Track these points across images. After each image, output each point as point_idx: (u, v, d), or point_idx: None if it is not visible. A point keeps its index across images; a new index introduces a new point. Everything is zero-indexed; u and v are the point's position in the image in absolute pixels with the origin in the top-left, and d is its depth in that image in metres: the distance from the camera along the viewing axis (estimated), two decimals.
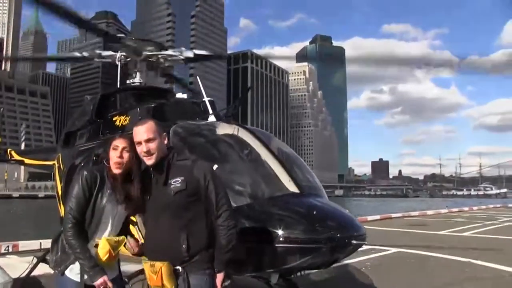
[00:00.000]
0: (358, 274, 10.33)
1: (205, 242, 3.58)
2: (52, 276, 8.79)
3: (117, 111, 8.14)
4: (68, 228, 3.52)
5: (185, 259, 3.51)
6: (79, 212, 3.57)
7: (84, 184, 3.60)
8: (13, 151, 15.23)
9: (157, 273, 3.45)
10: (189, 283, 3.49)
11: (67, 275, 3.65)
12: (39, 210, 59.13)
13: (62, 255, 3.68)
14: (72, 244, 3.50)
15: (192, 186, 3.58)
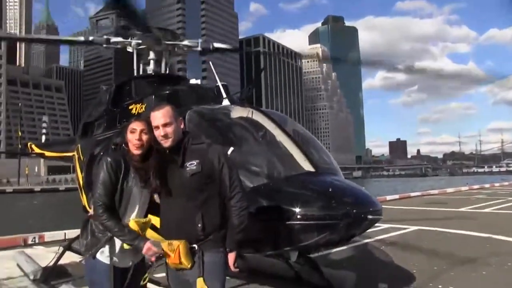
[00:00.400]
0: (378, 252, 10.41)
1: (218, 221, 3.71)
2: (78, 265, 9.11)
3: (132, 100, 8.26)
4: (100, 213, 3.64)
5: (200, 238, 3.65)
6: (108, 197, 3.69)
7: (110, 169, 3.72)
8: (33, 144, 15.50)
9: (175, 251, 3.57)
10: (204, 260, 3.63)
11: (98, 258, 3.79)
12: (61, 202, 60.11)
13: (92, 239, 3.82)
14: (108, 226, 3.62)
15: (207, 169, 3.70)
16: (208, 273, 3.62)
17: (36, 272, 8.25)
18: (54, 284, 7.62)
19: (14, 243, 12.06)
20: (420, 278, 7.78)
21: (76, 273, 8.80)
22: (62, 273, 8.59)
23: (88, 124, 9.75)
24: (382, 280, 7.04)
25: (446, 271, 8.27)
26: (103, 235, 3.76)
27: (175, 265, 3.65)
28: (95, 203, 3.70)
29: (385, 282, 6.92)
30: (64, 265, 8.94)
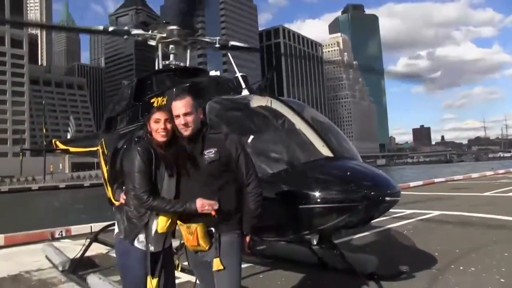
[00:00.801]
0: (400, 237, 10.46)
1: (234, 206, 3.88)
2: (105, 256, 9.35)
3: (154, 93, 8.41)
4: (146, 199, 3.81)
5: (217, 221, 3.80)
6: (147, 182, 3.86)
7: (143, 157, 3.90)
8: (57, 141, 15.80)
9: (193, 234, 3.78)
10: (220, 242, 3.81)
11: (134, 244, 3.97)
12: (86, 198, 61.16)
13: (129, 225, 4.00)
14: (157, 205, 3.81)
15: (224, 157, 3.87)
16: (225, 254, 3.78)
17: (65, 263, 8.52)
18: (82, 274, 7.84)
19: (42, 237, 12.41)
20: (441, 261, 7.82)
21: (103, 263, 9.10)
22: (90, 264, 8.88)
23: (111, 119, 9.95)
24: (403, 263, 7.11)
25: (468, 254, 8.29)
26: (139, 221, 3.94)
27: (193, 247, 3.86)
28: (135, 192, 3.87)
29: (406, 264, 7.00)
30: (91, 256, 9.23)
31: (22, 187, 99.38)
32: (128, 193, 4.03)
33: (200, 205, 3.72)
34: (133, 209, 3.96)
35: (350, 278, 6.83)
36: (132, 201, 3.98)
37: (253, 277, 7.53)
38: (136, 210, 3.95)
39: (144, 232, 3.95)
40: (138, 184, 3.85)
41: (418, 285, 6.52)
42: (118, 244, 4.10)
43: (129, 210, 4.00)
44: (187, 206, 3.75)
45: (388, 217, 12.78)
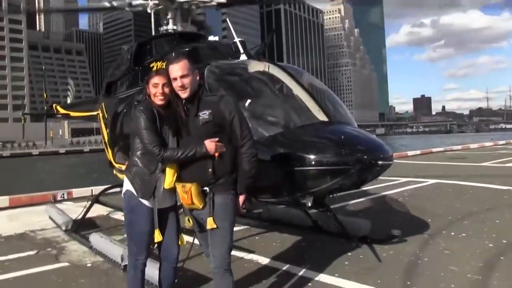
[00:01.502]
0: (395, 204, 10.66)
1: (228, 167, 4.00)
2: (106, 217, 9.59)
3: (153, 58, 8.48)
4: (158, 153, 3.95)
5: (211, 182, 3.96)
6: (156, 137, 4.00)
7: (148, 115, 4.04)
8: (58, 105, 15.84)
9: (187, 192, 3.92)
10: (214, 201, 3.96)
11: (140, 200, 4.15)
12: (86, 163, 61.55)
13: (144, 183, 4.14)
14: (170, 156, 3.96)
15: (218, 118, 3.98)
16: (218, 213, 3.93)
17: (68, 223, 8.77)
18: (85, 234, 8.08)
19: (44, 199, 12.71)
20: (433, 226, 8.01)
21: (104, 224, 9.36)
22: (91, 224, 9.15)
23: (111, 84, 10.01)
24: (396, 228, 7.30)
25: (460, 221, 8.47)
26: (151, 178, 4.11)
27: (188, 205, 4.03)
28: (147, 148, 4.01)
29: (399, 229, 7.19)
30: (92, 217, 9.48)
31: (23, 152, 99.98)
32: (135, 153, 4.18)
33: (209, 147, 3.85)
34: (143, 167, 4.12)
35: (343, 241, 7.06)
36: (141, 160, 4.14)
37: (249, 238, 7.75)
38: (147, 168, 4.11)
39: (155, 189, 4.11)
40: (147, 140, 3.99)
41: (408, 249, 6.69)
42: (127, 202, 4.25)
43: (139, 169, 4.15)
44: (198, 150, 3.87)
45: (384, 185, 12.98)
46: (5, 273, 6.28)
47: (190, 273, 5.83)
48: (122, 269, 6.05)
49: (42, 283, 5.87)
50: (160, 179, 4.11)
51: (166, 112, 4.11)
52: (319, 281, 5.52)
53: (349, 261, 6.24)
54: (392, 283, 5.35)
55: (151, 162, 4.09)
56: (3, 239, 8.42)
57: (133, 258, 4.31)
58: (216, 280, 4.06)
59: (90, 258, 6.89)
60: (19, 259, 7.02)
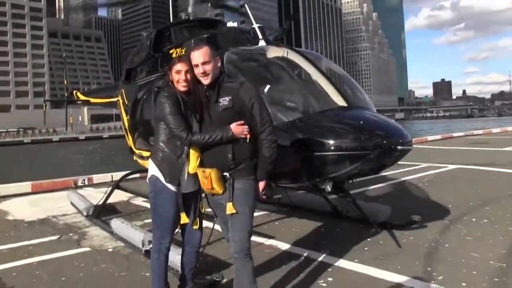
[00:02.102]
0: (414, 189, 10.57)
1: (248, 153, 4.02)
2: (126, 203, 9.70)
3: (173, 44, 8.48)
4: (185, 137, 4.00)
5: (231, 167, 3.98)
6: (182, 122, 4.05)
7: (172, 100, 4.09)
8: (78, 92, 15.98)
9: (208, 178, 3.95)
10: (234, 187, 3.99)
11: (165, 184, 4.20)
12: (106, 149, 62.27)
13: (172, 168, 4.19)
14: (197, 140, 4.00)
15: (238, 105, 3.99)
16: (237, 199, 3.96)
17: (89, 209, 8.89)
18: (106, 219, 8.20)
19: (65, 185, 12.88)
20: (454, 212, 7.95)
21: (125, 209, 9.48)
22: (112, 210, 9.27)
23: (130, 70, 10.05)
24: (416, 213, 7.26)
25: (482, 207, 8.38)
26: (177, 162, 4.16)
27: (208, 190, 4.07)
28: (174, 133, 4.06)
29: (419, 215, 7.15)
30: (113, 203, 9.60)
31: (43, 138, 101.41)
32: (160, 138, 4.22)
33: (235, 130, 3.89)
34: (170, 152, 4.17)
35: (362, 226, 7.07)
36: (166, 145, 4.19)
37: (269, 224, 7.79)
38: (173, 152, 4.15)
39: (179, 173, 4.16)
40: (174, 125, 4.03)
41: (429, 235, 6.65)
42: (152, 186, 4.30)
43: (166, 154, 4.20)
44: (224, 134, 3.90)
45: (404, 170, 12.91)
46: (29, 257, 6.40)
47: (210, 259, 5.88)
48: (143, 254, 6.15)
49: (65, 267, 5.96)
50: (185, 164, 4.15)
51: (188, 98, 4.14)
52: (339, 266, 5.53)
53: (368, 247, 6.24)
54: (412, 269, 5.32)
55: (177, 146, 4.14)
56: (26, 224, 8.57)
57: (157, 242, 4.37)
58: (236, 265, 4.09)
59: (111, 243, 6.99)
60: (42, 244, 7.14)
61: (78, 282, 5.40)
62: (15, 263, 6.16)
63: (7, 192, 11.94)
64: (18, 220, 8.96)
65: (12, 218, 9.14)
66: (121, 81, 10.68)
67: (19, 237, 7.57)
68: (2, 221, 8.96)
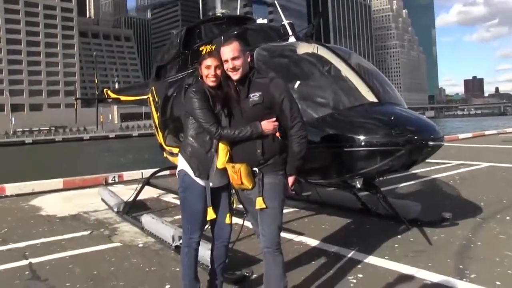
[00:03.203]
0: (446, 187, 10.42)
1: (278, 148, 4.02)
2: (156, 200, 9.79)
3: (202, 42, 8.54)
4: (215, 131, 4.02)
5: (260, 162, 3.99)
6: (211, 116, 4.07)
7: (200, 95, 4.11)
8: (108, 90, 16.17)
9: (237, 173, 3.97)
10: (263, 182, 3.99)
11: (194, 178, 4.22)
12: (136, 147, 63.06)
13: (201, 162, 4.20)
14: (226, 134, 4.02)
15: (268, 101, 3.99)
16: (267, 193, 3.96)
17: (119, 205, 9.01)
18: (136, 216, 8.28)
19: (96, 182, 13.09)
20: (487, 210, 7.81)
21: (155, 206, 9.57)
22: (142, 206, 9.38)
23: (160, 67, 10.15)
24: (447, 211, 7.12)
25: None
26: (206, 157, 4.17)
27: (238, 185, 4.08)
28: (203, 127, 4.08)
29: (449, 212, 7.02)
30: (143, 200, 9.71)
31: (74, 136, 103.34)
32: (189, 133, 4.24)
33: (265, 127, 3.90)
34: (199, 146, 4.19)
35: (393, 223, 7.00)
36: (195, 140, 4.20)
37: (298, 221, 7.77)
38: (202, 147, 4.17)
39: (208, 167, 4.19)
40: (203, 119, 4.05)
41: (460, 232, 6.56)
42: (181, 181, 4.33)
43: (195, 149, 4.22)
44: (254, 130, 3.92)
45: (434, 168, 12.78)
46: (62, 251, 6.53)
47: (240, 254, 5.91)
48: (173, 250, 6.21)
49: (96, 262, 6.05)
50: (214, 159, 4.17)
51: (217, 93, 4.16)
52: (369, 263, 5.49)
53: (399, 244, 6.18)
54: (444, 266, 5.24)
55: (206, 141, 4.15)
56: (59, 220, 8.74)
57: (187, 237, 4.39)
58: (266, 260, 4.09)
59: (141, 239, 7.08)
60: (74, 239, 7.27)
61: (109, 276, 5.47)
62: (49, 256, 6.30)
63: (40, 188, 12.22)
64: (51, 215, 9.14)
65: (45, 214, 9.33)
66: (151, 78, 10.80)
67: (52, 232, 7.73)
68: (36, 216, 9.15)
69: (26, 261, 6.16)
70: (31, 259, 6.20)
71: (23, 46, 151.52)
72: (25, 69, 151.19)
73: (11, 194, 11.80)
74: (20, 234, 7.64)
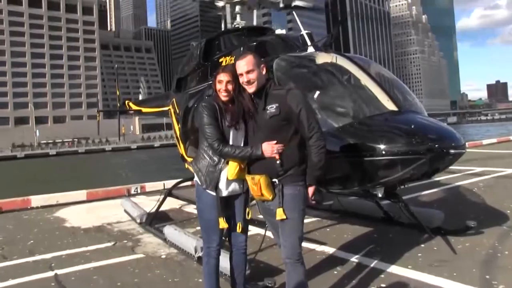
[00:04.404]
0: (470, 194, 10.28)
1: (297, 159, 4.05)
2: (178, 210, 9.85)
3: (222, 53, 8.61)
4: (217, 147, 4.14)
5: (280, 173, 4.02)
6: (216, 132, 4.17)
7: (210, 111, 4.21)
8: (130, 102, 16.36)
9: (257, 184, 4.02)
10: (283, 193, 4.01)
11: (206, 190, 4.32)
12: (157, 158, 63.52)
13: (208, 174, 4.31)
14: (227, 152, 4.13)
15: (285, 112, 4.03)
16: (287, 204, 3.98)
17: (142, 216, 9.10)
18: (159, 226, 8.35)
19: (119, 193, 13.25)
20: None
21: (177, 217, 9.64)
22: (165, 217, 9.45)
23: (181, 79, 10.25)
24: (472, 219, 7.02)
25: None
26: (214, 169, 4.26)
27: (258, 197, 4.13)
28: (208, 142, 4.20)
29: (475, 221, 6.92)
30: (165, 210, 9.79)
31: (97, 148, 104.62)
32: (201, 146, 4.37)
33: (264, 149, 3.94)
34: (208, 159, 4.28)
35: (416, 232, 6.92)
36: (206, 152, 4.30)
37: (321, 230, 7.75)
38: (211, 159, 4.26)
39: (218, 179, 4.26)
40: (208, 135, 4.15)
41: (486, 241, 6.45)
42: (196, 191, 4.46)
43: (204, 161, 4.32)
44: (253, 151, 4.00)
45: (459, 174, 12.63)
46: (86, 262, 6.62)
47: (262, 265, 5.91)
48: (195, 260, 6.24)
49: (120, 273, 6.12)
50: (224, 170, 4.24)
51: (230, 107, 4.23)
52: (392, 272, 5.45)
53: (422, 253, 6.12)
54: (468, 276, 5.17)
55: (215, 154, 4.25)
56: (83, 231, 8.85)
57: (205, 246, 4.49)
58: (287, 270, 4.11)
59: (164, 250, 7.13)
60: (98, 250, 7.36)
61: (133, 287, 5.53)
62: (74, 268, 6.39)
63: (65, 200, 12.41)
64: (75, 227, 9.27)
65: (70, 225, 9.47)
66: (172, 90, 10.90)
67: (77, 244, 7.84)
68: (61, 228, 9.29)
69: (52, 272, 6.27)
70: (57, 271, 6.31)
71: (47, 59, 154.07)
72: (48, 82, 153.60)
73: (36, 206, 11.98)
74: (46, 246, 7.78)
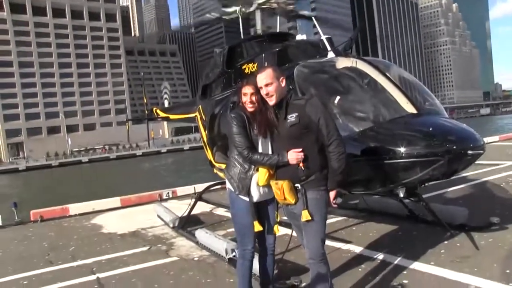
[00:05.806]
0: (496, 189, 10.24)
1: (318, 165, 4.31)
2: (209, 214, 10.14)
3: (245, 60, 8.89)
4: (246, 155, 4.42)
5: (302, 179, 4.29)
6: (245, 141, 4.45)
7: (239, 121, 4.51)
8: (158, 109, 16.77)
9: (280, 189, 4.30)
10: (307, 197, 4.28)
11: (239, 195, 4.61)
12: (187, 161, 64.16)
13: (240, 181, 4.59)
14: (256, 159, 4.42)
15: (304, 121, 4.30)
16: (310, 207, 4.25)
17: (174, 221, 9.45)
18: (191, 230, 8.68)
19: (151, 198, 13.72)
20: None
21: (208, 220, 9.95)
22: (196, 221, 9.78)
23: (206, 86, 10.58)
24: (496, 215, 7.09)
25: None
26: (246, 176, 4.55)
27: (282, 201, 4.42)
28: (238, 150, 4.49)
29: (500, 217, 6.99)
30: (196, 214, 10.11)
31: (128, 153, 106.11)
32: (232, 154, 4.67)
33: (290, 157, 4.22)
34: (239, 166, 4.57)
35: (440, 229, 7.02)
36: (236, 160, 4.60)
37: (346, 229, 7.96)
38: (242, 167, 4.56)
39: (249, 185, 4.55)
40: (238, 143, 4.44)
41: (509, 236, 6.52)
42: (229, 197, 4.76)
43: (236, 169, 4.61)
44: (280, 159, 4.27)
45: (487, 170, 12.56)
46: (124, 266, 7.02)
47: (290, 264, 6.16)
48: (226, 262, 6.55)
49: (156, 275, 6.47)
50: (254, 177, 4.52)
51: (256, 117, 4.50)
52: (414, 269, 5.64)
53: (445, 249, 6.27)
54: (489, 271, 5.30)
55: (245, 162, 4.53)
56: (119, 237, 9.27)
57: (240, 249, 4.79)
58: (311, 270, 4.39)
59: (197, 252, 7.46)
60: (134, 255, 7.75)
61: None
62: (113, 271, 6.80)
63: (100, 207, 12.93)
64: (111, 233, 9.71)
65: (107, 231, 9.92)
66: (198, 96, 11.23)
67: (114, 249, 8.26)
68: (98, 234, 9.75)
69: (94, 276, 6.71)
70: (98, 274, 6.73)
71: (74, 68, 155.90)
72: (77, 91, 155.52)
73: (74, 214, 12.53)
74: (86, 251, 8.24)
